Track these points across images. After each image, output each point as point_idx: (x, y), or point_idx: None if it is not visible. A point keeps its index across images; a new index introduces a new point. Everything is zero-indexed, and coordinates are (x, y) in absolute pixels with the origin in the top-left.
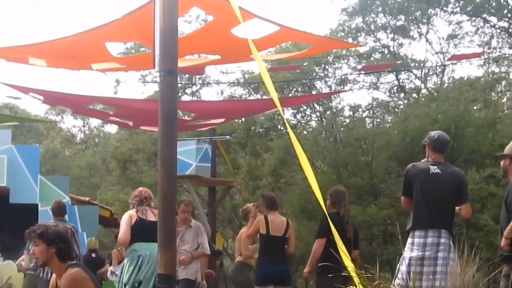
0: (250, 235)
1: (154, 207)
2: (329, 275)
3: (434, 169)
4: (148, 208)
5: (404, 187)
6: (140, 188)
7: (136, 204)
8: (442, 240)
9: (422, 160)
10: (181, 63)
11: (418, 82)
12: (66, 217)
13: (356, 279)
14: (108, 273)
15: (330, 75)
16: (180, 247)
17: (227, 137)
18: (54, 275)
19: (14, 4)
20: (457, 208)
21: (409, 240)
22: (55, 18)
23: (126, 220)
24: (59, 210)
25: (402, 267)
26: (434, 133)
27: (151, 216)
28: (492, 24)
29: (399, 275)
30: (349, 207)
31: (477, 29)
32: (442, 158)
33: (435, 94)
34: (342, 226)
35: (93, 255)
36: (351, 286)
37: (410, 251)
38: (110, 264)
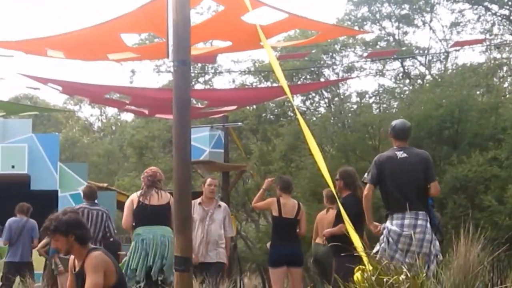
0: (257, 206)
1: (169, 191)
2: (342, 254)
3: (400, 154)
4: (157, 190)
5: (372, 176)
6: (154, 169)
7: (147, 184)
8: (419, 222)
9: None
10: (193, 52)
11: (422, 69)
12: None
13: (365, 259)
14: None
15: (337, 63)
16: (209, 225)
17: (239, 123)
18: (72, 257)
19: None
20: None
21: (388, 221)
22: (71, 11)
23: (127, 205)
24: (90, 194)
25: (382, 236)
26: (394, 123)
27: (155, 200)
28: (493, 12)
29: (379, 243)
30: (362, 186)
31: (479, 17)
32: (405, 143)
33: (439, 80)
34: (359, 207)
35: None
36: (361, 265)
37: (390, 225)
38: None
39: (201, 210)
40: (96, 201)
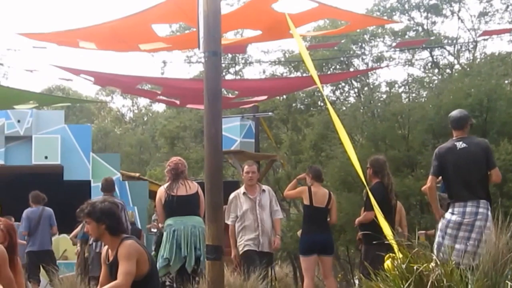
0: (288, 195)
1: (197, 180)
2: (374, 242)
3: (460, 144)
4: (183, 181)
5: (433, 167)
6: (175, 160)
7: (172, 177)
8: (481, 210)
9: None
10: (224, 41)
11: (451, 58)
12: (118, 192)
13: (395, 247)
14: None
15: (366, 52)
16: (261, 213)
17: (270, 113)
18: (105, 247)
19: None
20: None
21: (450, 209)
22: (104, 2)
23: (158, 201)
24: (108, 187)
25: (441, 228)
26: (450, 114)
27: (183, 190)
28: None
29: (437, 235)
30: (391, 174)
31: (507, 7)
32: (464, 133)
33: (468, 69)
34: (387, 195)
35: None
36: (391, 254)
37: (450, 214)
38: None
39: (247, 199)
40: (114, 193)
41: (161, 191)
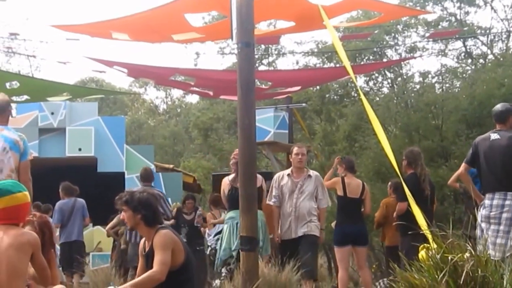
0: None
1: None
2: (409, 233)
3: (494, 136)
4: None
5: (467, 156)
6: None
7: (236, 170)
8: (507, 202)
9: None
10: (257, 33)
11: (484, 48)
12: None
13: (430, 237)
14: (206, 236)
15: (400, 43)
16: (299, 199)
17: (303, 104)
18: (143, 239)
19: None
20: None
21: (482, 202)
22: None
23: (221, 192)
24: (147, 177)
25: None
26: (493, 108)
27: None
28: None
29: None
30: (425, 165)
31: None
32: (505, 126)
33: (501, 59)
34: (420, 185)
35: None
36: (426, 244)
37: (482, 209)
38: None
39: (290, 182)
40: (152, 183)
41: (225, 183)
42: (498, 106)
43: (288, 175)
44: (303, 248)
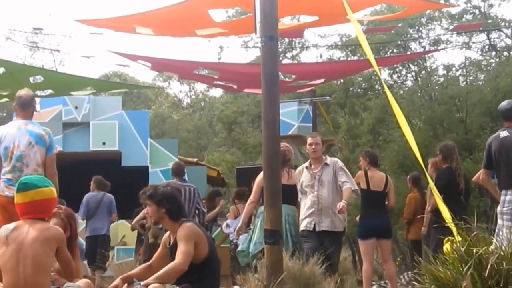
0: None
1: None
2: (434, 226)
3: (503, 133)
4: (288, 170)
5: (484, 159)
6: (283, 147)
7: None
8: None
9: None
10: (280, 26)
11: (508, 41)
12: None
13: (454, 230)
14: (224, 225)
15: (423, 36)
16: (319, 190)
17: (327, 98)
18: (168, 232)
19: None
20: None
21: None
22: None
23: (258, 181)
24: (178, 171)
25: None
26: (499, 106)
27: (285, 179)
28: None
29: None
30: (459, 159)
31: None
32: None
33: None
34: (455, 179)
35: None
36: (450, 237)
37: (500, 205)
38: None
39: (308, 174)
40: (184, 177)
41: (261, 177)
42: (504, 104)
43: (306, 167)
44: (326, 244)
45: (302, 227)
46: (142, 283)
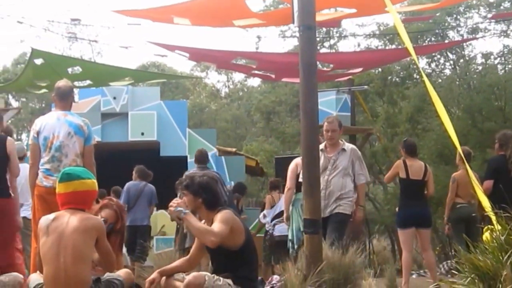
0: (387, 177)
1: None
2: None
3: None
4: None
5: None
6: None
7: None
8: None
9: None
10: (318, 17)
11: None
12: (214, 166)
13: (494, 218)
14: (261, 216)
15: (461, 24)
16: (331, 175)
17: (365, 87)
18: (203, 221)
19: None
20: None
21: None
22: None
23: (292, 168)
24: (202, 158)
25: None
26: None
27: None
28: None
29: None
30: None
31: None
32: None
33: None
34: (507, 166)
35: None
36: (489, 226)
37: None
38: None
39: (323, 157)
40: (207, 165)
41: (297, 161)
42: None
43: (322, 150)
44: (329, 228)
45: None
46: (185, 210)
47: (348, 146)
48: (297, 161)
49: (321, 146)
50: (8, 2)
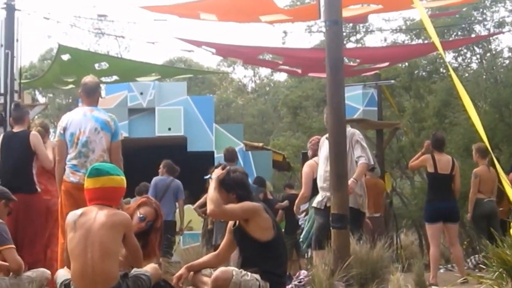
0: (412, 166)
1: None
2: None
3: None
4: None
5: None
6: (318, 137)
7: (313, 154)
8: None
9: None
10: (345, 13)
11: None
12: (241, 162)
13: None
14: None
15: (488, 18)
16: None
17: (392, 81)
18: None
19: None
20: None
21: None
22: None
23: (305, 172)
24: (230, 156)
25: None
26: None
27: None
28: None
29: None
30: None
31: None
32: None
33: None
34: None
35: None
36: None
37: None
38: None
39: (326, 145)
40: (236, 163)
41: (312, 164)
42: None
43: (326, 138)
44: None
45: (313, 203)
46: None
47: (348, 131)
48: (312, 164)
49: (327, 134)
50: None
